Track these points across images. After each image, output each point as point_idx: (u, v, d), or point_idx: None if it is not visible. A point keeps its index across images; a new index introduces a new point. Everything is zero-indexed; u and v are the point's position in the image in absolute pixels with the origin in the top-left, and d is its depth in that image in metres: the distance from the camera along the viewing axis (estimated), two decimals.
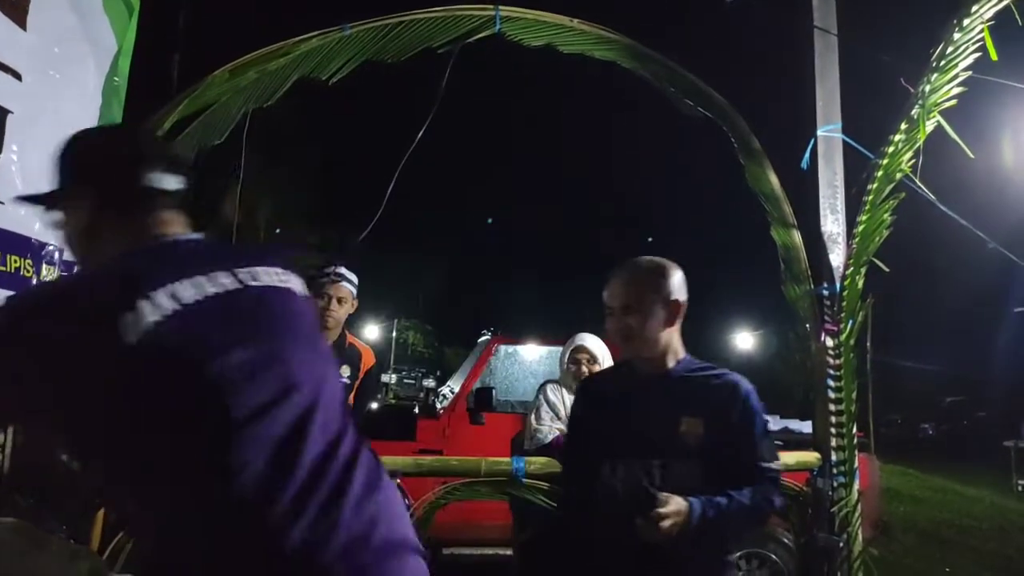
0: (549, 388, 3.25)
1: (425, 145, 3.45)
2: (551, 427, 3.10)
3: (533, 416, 3.17)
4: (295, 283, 1.36)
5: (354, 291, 3.55)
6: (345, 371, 3.49)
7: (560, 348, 4.42)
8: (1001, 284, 13.15)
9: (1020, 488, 11.67)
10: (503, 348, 5.87)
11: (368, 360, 3.64)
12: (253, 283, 1.26)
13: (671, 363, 1.92)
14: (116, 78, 2.93)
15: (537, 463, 2.96)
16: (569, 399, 3.22)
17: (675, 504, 1.67)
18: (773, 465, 1.84)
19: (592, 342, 3.26)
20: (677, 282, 1.92)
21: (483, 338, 6.13)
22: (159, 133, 3.07)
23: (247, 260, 1.29)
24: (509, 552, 3.68)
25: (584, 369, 3.20)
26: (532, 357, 6.03)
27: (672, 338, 1.93)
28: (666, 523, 1.64)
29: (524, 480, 2.92)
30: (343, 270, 3.55)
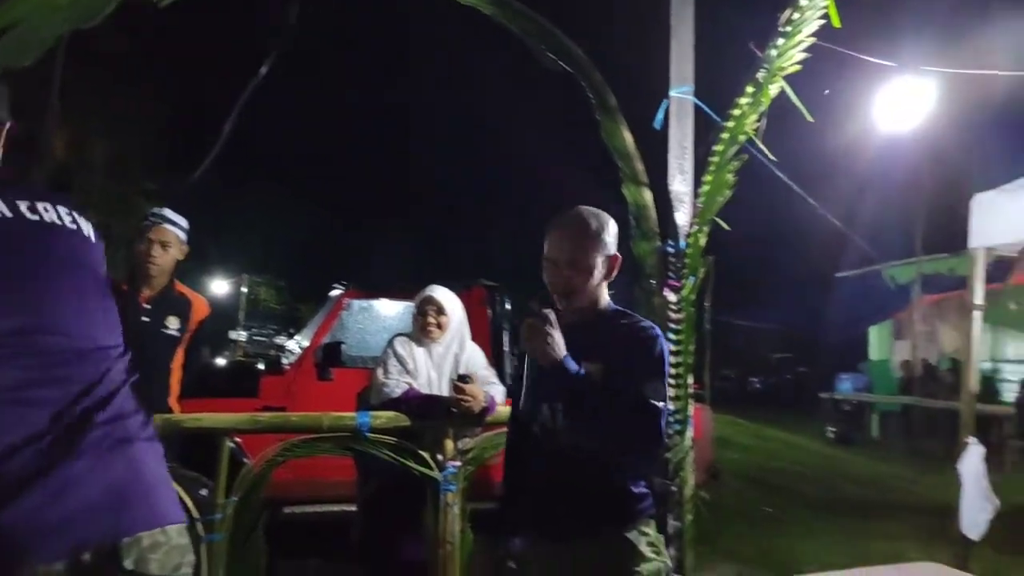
0: (397, 341, 3.15)
1: (276, 87, 3.20)
2: (399, 380, 3.01)
3: (380, 370, 3.07)
4: (84, 227, 1.38)
5: (182, 235, 3.25)
6: (173, 323, 3.21)
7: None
8: (829, 249, 14.34)
9: (831, 435, 12.95)
10: (356, 303, 5.68)
11: (200, 310, 3.37)
12: (30, 216, 1.28)
13: (594, 312, 1.98)
14: None
15: (383, 417, 2.87)
16: (419, 352, 3.13)
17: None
18: (659, 403, 1.82)
19: (441, 294, 3.18)
20: (614, 236, 1.98)
21: (334, 292, 5.89)
22: None
23: (34, 196, 1.32)
24: (354, 508, 3.59)
25: (431, 320, 3.12)
26: (388, 312, 5.88)
27: (601, 289, 2.00)
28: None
29: (369, 435, 2.83)
30: (167, 212, 3.23)
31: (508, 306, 5.63)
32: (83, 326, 1.28)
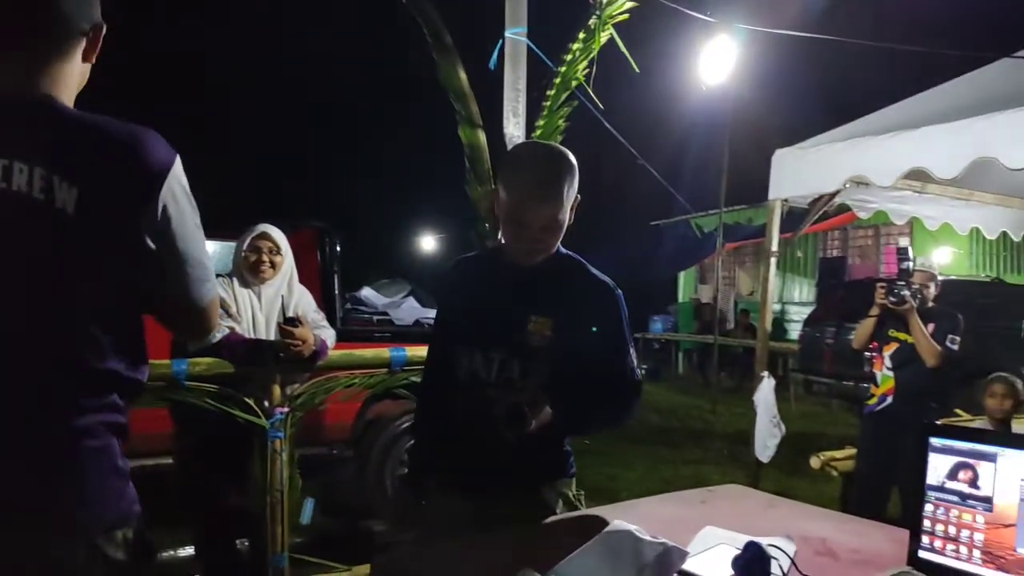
0: (218, 282, 2.96)
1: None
2: (219, 325, 2.83)
3: None
4: (61, 197, 1.08)
5: None
6: None
7: (234, 243, 4.01)
8: (651, 198, 15.16)
9: (643, 370, 13.96)
10: None
11: None
12: None
13: (544, 257, 1.71)
14: None
15: (202, 364, 2.70)
16: (244, 294, 2.96)
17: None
18: (639, 374, 1.77)
19: (276, 232, 3.02)
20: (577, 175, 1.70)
21: None
22: None
23: (23, 155, 1.07)
24: (169, 461, 3.38)
25: (265, 259, 2.96)
26: None
27: None
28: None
29: (187, 383, 2.66)
30: None
31: (338, 248, 5.46)
32: None
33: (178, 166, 1.20)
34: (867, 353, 4.21)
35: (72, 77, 1.19)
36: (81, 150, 1.12)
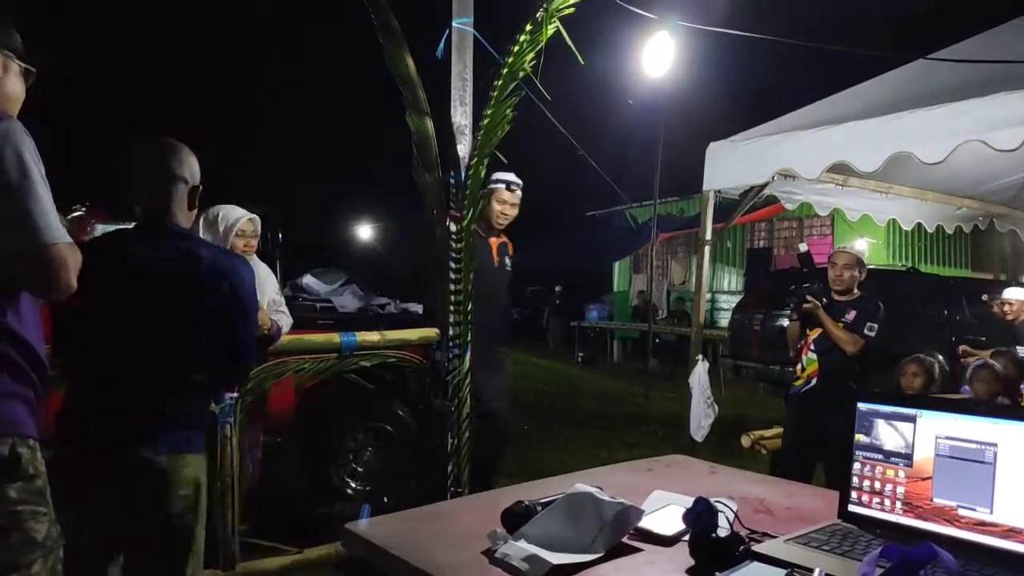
0: None
1: None
2: None
3: None
4: None
5: None
6: None
7: None
8: (589, 189, 15.33)
9: (580, 358, 14.23)
10: (101, 227, 5.10)
11: None
12: None
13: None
14: None
15: None
16: None
17: None
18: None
19: (255, 216, 3.03)
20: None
21: (75, 214, 5.23)
22: None
23: None
24: None
25: (252, 243, 2.99)
26: None
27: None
28: None
29: None
30: None
31: (280, 235, 5.41)
32: None
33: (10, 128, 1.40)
34: None
35: None
36: None
